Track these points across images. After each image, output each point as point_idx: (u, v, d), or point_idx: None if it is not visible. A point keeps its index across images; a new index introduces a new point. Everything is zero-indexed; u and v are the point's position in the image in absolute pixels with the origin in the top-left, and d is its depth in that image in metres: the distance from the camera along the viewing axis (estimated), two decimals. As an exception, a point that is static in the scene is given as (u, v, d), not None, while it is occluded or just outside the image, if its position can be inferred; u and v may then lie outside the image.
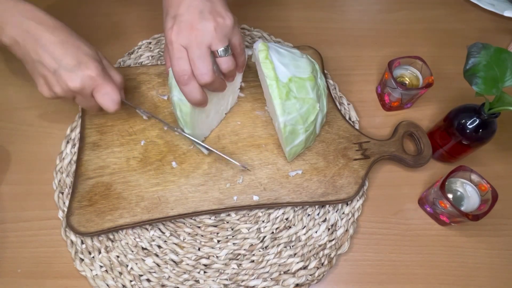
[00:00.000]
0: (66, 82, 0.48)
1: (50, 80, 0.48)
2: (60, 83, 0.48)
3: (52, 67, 0.48)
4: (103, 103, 0.50)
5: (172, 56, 0.46)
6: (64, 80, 0.48)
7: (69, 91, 0.49)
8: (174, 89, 0.52)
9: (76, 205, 0.53)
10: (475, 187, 0.53)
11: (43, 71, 0.48)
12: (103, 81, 0.50)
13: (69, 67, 0.48)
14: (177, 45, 0.46)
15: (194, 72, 0.46)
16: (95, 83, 0.49)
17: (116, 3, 0.77)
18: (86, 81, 0.48)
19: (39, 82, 0.50)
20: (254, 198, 0.55)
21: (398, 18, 0.78)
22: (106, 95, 0.50)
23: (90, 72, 0.48)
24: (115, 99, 0.51)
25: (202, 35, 0.45)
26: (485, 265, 0.55)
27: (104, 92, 0.50)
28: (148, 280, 0.52)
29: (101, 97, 0.50)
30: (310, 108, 0.51)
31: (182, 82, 0.47)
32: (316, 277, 0.52)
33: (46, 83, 0.49)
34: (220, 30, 0.46)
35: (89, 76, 0.48)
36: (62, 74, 0.47)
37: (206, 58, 0.46)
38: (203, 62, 0.46)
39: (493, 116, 0.51)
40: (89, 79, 0.49)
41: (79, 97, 0.51)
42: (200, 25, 0.45)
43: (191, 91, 0.48)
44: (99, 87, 0.50)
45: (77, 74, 0.48)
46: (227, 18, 0.47)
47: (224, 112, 0.61)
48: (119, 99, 0.51)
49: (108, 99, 0.50)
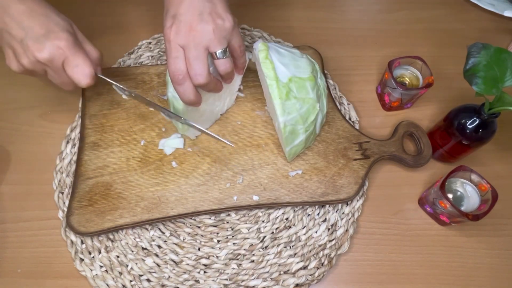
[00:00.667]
0: (34, 52, 0.45)
1: (17, 50, 0.46)
2: (28, 54, 0.46)
3: (19, 36, 0.45)
4: (73, 76, 0.48)
5: (169, 55, 0.46)
6: (31, 50, 0.45)
7: (37, 63, 0.47)
8: (169, 86, 0.52)
9: (76, 205, 0.53)
10: (475, 187, 0.53)
11: (10, 41, 0.46)
12: (73, 53, 0.47)
13: (36, 36, 0.45)
14: (174, 44, 0.46)
15: (189, 72, 0.46)
16: (64, 55, 0.47)
17: (116, 3, 0.77)
18: (54, 52, 0.46)
19: (7, 54, 0.48)
20: (254, 198, 0.55)
21: (398, 18, 0.78)
22: (77, 67, 0.47)
23: (59, 42, 0.46)
24: (87, 72, 0.48)
25: (200, 36, 0.45)
26: (485, 265, 0.55)
27: (74, 64, 0.47)
28: (148, 280, 0.52)
29: (71, 69, 0.47)
30: (310, 108, 0.51)
31: (176, 81, 0.47)
32: (316, 277, 0.52)
33: (14, 55, 0.47)
34: (219, 32, 0.46)
35: (57, 46, 0.46)
36: (30, 44, 0.45)
37: (202, 59, 0.46)
38: (199, 63, 0.46)
39: (493, 116, 0.51)
40: (58, 49, 0.46)
41: (49, 71, 0.48)
42: (199, 26, 0.45)
43: (185, 91, 0.47)
44: (69, 58, 0.47)
45: (45, 44, 0.45)
46: (226, 20, 0.47)
47: (219, 113, 0.61)
48: (92, 73, 0.48)
49: (78, 71, 0.47)
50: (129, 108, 0.61)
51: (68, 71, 0.47)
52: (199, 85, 0.47)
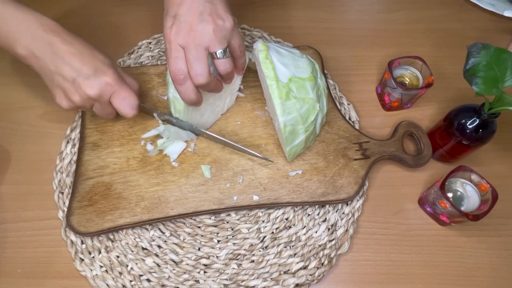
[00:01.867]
0: (85, 90, 0.48)
1: (68, 90, 0.49)
2: (79, 92, 0.49)
3: (71, 77, 0.48)
4: (120, 108, 0.51)
5: (169, 55, 0.47)
6: (83, 88, 0.48)
7: (88, 99, 0.50)
8: (170, 86, 0.53)
9: (76, 205, 0.53)
10: (475, 187, 0.53)
11: (61, 82, 0.49)
12: (120, 87, 0.50)
13: (87, 75, 0.48)
14: (175, 44, 0.46)
15: (190, 72, 0.47)
16: (112, 89, 0.50)
17: (116, 3, 0.77)
18: (103, 88, 0.49)
19: (57, 94, 0.50)
20: (254, 198, 0.55)
21: (398, 18, 0.78)
22: (124, 100, 0.51)
23: (107, 78, 0.49)
24: (133, 103, 0.51)
25: (200, 36, 0.45)
26: (485, 265, 0.55)
27: (122, 98, 0.51)
28: (148, 280, 0.52)
29: (119, 102, 0.51)
30: (310, 108, 0.51)
31: (177, 81, 0.47)
32: (316, 277, 0.52)
33: (64, 94, 0.50)
34: (219, 32, 0.46)
35: (106, 82, 0.49)
36: (81, 82, 0.48)
37: (203, 59, 0.46)
38: (200, 63, 0.46)
39: (493, 116, 0.51)
40: (107, 85, 0.49)
41: (97, 105, 0.52)
42: (199, 26, 0.45)
43: (186, 91, 0.48)
44: (116, 93, 0.50)
45: (95, 81, 0.49)
46: (227, 21, 0.47)
47: (220, 113, 0.61)
48: (137, 104, 0.52)
49: (125, 104, 0.51)
50: (129, 108, 0.61)
51: (115, 103, 0.51)
52: (199, 85, 0.48)
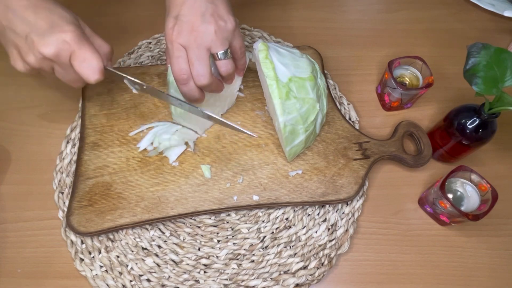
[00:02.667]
0: (39, 48, 0.43)
1: (22, 48, 0.44)
2: (33, 50, 0.43)
3: (24, 32, 0.43)
4: (81, 72, 0.45)
5: (172, 55, 0.47)
6: (37, 46, 0.43)
7: (44, 60, 0.44)
8: (170, 86, 0.53)
9: (76, 205, 0.53)
10: (475, 187, 0.53)
11: (14, 39, 0.44)
12: (80, 46, 0.44)
13: (41, 31, 0.43)
14: (176, 44, 0.46)
15: (192, 72, 0.47)
16: (71, 48, 0.44)
17: (116, 3, 0.77)
18: (60, 46, 0.43)
19: (12, 54, 0.45)
20: (254, 198, 0.55)
21: (398, 18, 0.78)
22: (84, 62, 0.44)
23: (64, 35, 0.43)
24: (95, 66, 0.45)
25: (202, 37, 0.45)
26: (485, 265, 0.55)
27: (82, 59, 0.44)
28: (148, 280, 0.52)
29: (79, 64, 0.44)
30: (310, 108, 0.51)
31: (181, 81, 0.47)
32: (316, 277, 0.52)
33: (18, 53, 0.45)
34: (221, 33, 0.46)
35: (63, 40, 0.43)
36: (34, 39, 0.43)
37: (204, 60, 0.46)
38: (201, 64, 0.46)
39: (493, 116, 0.51)
40: (64, 43, 0.43)
41: (57, 68, 0.46)
42: (201, 27, 0.45)
43: (189, 90, 0.48)
44: (76, 53, 0.44)
45: (50, 38, 0.43)
46: (228, 22, 0.47)
47: (220, 113, 0.61)
48: (101, 67, 0.46)
49: (86, 66, 0.45)
50: (129, 108, 0.61)
51: (75, 66, 0.45)
52: (201, 86, 0.48)
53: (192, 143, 0.58)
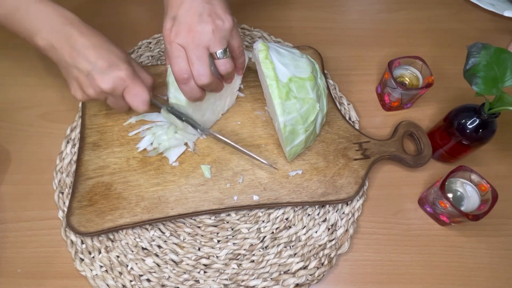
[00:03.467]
0: (99, 84, 0.49)
1: (83, 82, 0.50)
2: (93, 85, 0.49)
3: (86, 70, 0.49)
4: (132, 103, 0.52)
5: (171, 55, 0.47)
6: (97, 82, 0.49)
7: (101, 93, 0.50)
8: (170, 86, 0.53)
9: (76, 205, 0.53)
10: (475, 187, 0.53)
11: (77, 74, 0.49)
12: (133, 82, 0.51)
13: (102, 69, 0.49)
14: (175, 44, 0.46)
15: (192, 72, 0.47)
16: (125, 84, 0.50)
17: (117, 3, 0.77)
18: (117, 82, 0.49)
19: (72, 86, 0.51)
20: (254, 198, 0.55)
21: (398, 18, 0.78)
22: (136, 95, 0.51)
23: (121, 73, 0.50)
24: (144, 99, 0.52)
25: (200, 37, 0.46)
26: (485, 265, 0.55)
27: (134, 93, 0.51)
28: (148, 280, 0.52)
29: (131, 97, 0.51)
30: (310, 108, 0.51)
31: (182, 81, 0.48)
32: (316, 277, 0.52)
33: (79, 86, 0.51)
34: (219, 32, 0.46)
35: (120, 77, 0.49)
36: (95, 76, 0.49)
37: (204, 60, 0.46)
38: (201, 63, 0.46)
39: (493, 116, 0.51)
40: (120, 80, 0.50)
41: (110, 98, 0.52)
42: (199, 27, 0.46)
43: (191, 90, 0.49)
44: (129, 88, 0.51)
45: (109, 75, 0.49)
46: (226, 21, 0.47)
47: (220, 113, 0.61)
48: (148, 99, 0.52)
49: (137, 99, 0.51)
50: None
51: (127, 98, 0.51)
52: (202, 86, 0.48)
53: (191, 144, 0.58)
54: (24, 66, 0.68)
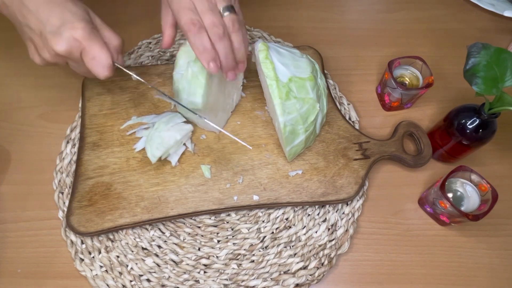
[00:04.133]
0: (52, 46, 0.44)
1: (38, 44, 0.45)
2: (47, 47, 0.45)
3: (38, 29, 0.44)
4: (91, 68, 0.46)
5: (179, 8, 0.44)
6: (50, 43, 0.44)
7: (57, 56, 0.45)
8: (182, 93, 0.52)
9: (76, 205, 0.53)
10: (475, 187, 0.53)
11: (30, 34, 0.45)
12: (90, 43, 0.45)
13: (53, 28, 0.43)
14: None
15: (205, 23, 0.44)
16: (81, 46, 0.45)
17: (116, 3, 0.77)
18: (72, 43, 0.44)
19: (29, 48, 0.47)
20: (254, 198, 0.55)
21: (398, 18, 0.78)
22: (94, 59, 0.45)
23: (75, 32, 0.44)
24: (104, 63, 0.45)
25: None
26: (485, 265, 0.55)
27: (91, 56, 0.45)
28: (148, 280, 0.52)
29: (89, 61, 0.45)
30: (310, 108, 0.51)
31: (193, 31, 0.44)
32: (316, 277, 0.52)
33: (35, 48, 0.46)
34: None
35: (73, 37, 0.44)
36: (48, 36, 0.44)
37: (216, 10, 0.44)
38: (214, 13, 0.44)
39: (493, 116, 0.51)
40: (75, 41, 0.44)
41: (70, 62, 0.47)
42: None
43: (202, 40, 0.44)
44: (86, 50, 0.45)
45: (62, 36, 0.43)
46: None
47: (230, 111, 0.62)
48: (110, 64, 0.46)
49: (96, 64, 0.45)
50: (129, 108, 0.61)
51: (86, 62, 0.46)
52: (215, 36, 0.45)
53: (190, 144, 0.58)
54: (24, 66, 0.68)
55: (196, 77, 0.50)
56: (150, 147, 0.53)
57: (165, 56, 0.70)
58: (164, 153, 0.54)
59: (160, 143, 0.53)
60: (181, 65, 0.52)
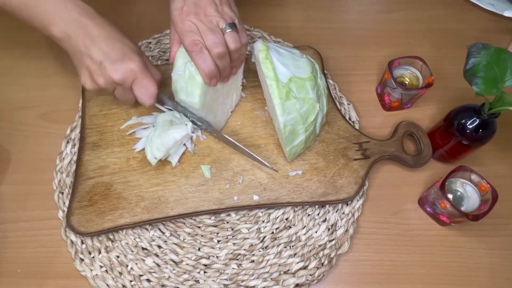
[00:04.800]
0: (110, 73, 0.50)
1: (94, 71, 0.50)
2: (104, 75, 0.50)
3: (99, 59, 0.49)
4: (139, 96, 0.52)
5: (183, 30, 0.48)
6: (108, 71, 0.49)
7: (111, 83, 0.51)
8: (180, 92, 0.53)
9: (76, 205, 0.53)
10: (475, 187, 0.53)
11: (89, 63, 0.50)
12: (142, 75, 0.51)
13: (114, 59, 0.50)
14: (187, 21, 0.48)
15: (206, 43, 0.48)
16: (135, 76, 0.51)
17: (116, 3, 0.77)
18: (128, 73, 0.50)
19: (83, 74, 0.52)
20: (254, 198, 0.55)
21: (398, 18, 0.78)
22: (143, 88, 0.52)
23: (132, 65, 0.50)
24: (152, 92, 0.52)
25: (211, 13, 0.48)
26: (485, 265, 0.55)
27: (142, 85, 0.52)
28: (148, 280, 0.52)
29: (140, 89, 0.52)
30: (310, 108, 0.51)
31: (195, 51, 0.49)
32: (316, 277, 0.52)
33: (90, 75, 0.51)
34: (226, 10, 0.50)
35: (131, 69, 0.50)
36: (107, 66, 0.49)
37: (217, 30, 0.48)
38: (215, 33, 0.48)
39: (493, 116, 0.51)
40: (131, 71, 0.50)
41: (119, 89, 0.53)
42: (209, 6, 0.48)
43: (204, 60, 0.49)
44: (138, 80, 0.51)
45: (121, 66, 0.50)
46: (233, 5, 0.52)
47: (229, 111, 0.62)
48: (156, 93, 0.53)
49: (145, 92, 0.52)
50: (129, 108, 0.61)
51: (135, 90, 0.52)
52: (217, 55, 0.49)
53: (190, 144, 0.58)
54: (24, 66, 0.68)
55: (193, 77, 0.50)
56: (150, 148, 0.54)
57: (165, 56, 0.70)
58: (164, 154, 0.54)
59: (160, 143, 0.54)
60: (179, 65, 0.52)
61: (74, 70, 0.52)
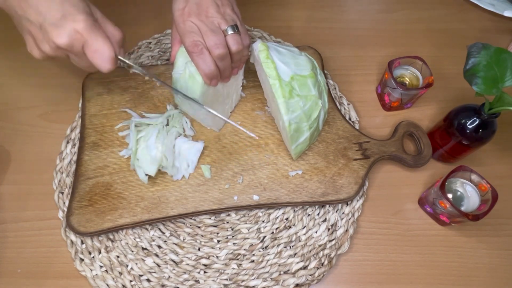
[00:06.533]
0: (52, 38, 0.43)
1: (37, 37, 0.44)
2: (47, 40, 0.44)
3: (38, 22, 0.43)
4: (94, 62, 0.45)
5: (184, 31, 0.48)
6: (51, 36, 0.43)
7: (58, 49, 0.44)
8: (176, 97, 0.53)
9: (76, 205, 0.53)
10: (475, 187, 0.53)
11: (29, 27, 0.44)
12: (92, 36, 0.44)
13: (54, 20, 0.43)
14: (189, 22, 0.48)
15: (207, 44, 0.48)
16: (83, 39, 0.44)
17: (116, 3, 0.77)
18: (73, 36, 0.43)
19: (28, 41, 0.46)
20: (254, 198, 0.55)
21: (398, 18, 0.78)
22: (96, 52, 0.44)
23: (77, 25, 0.43)
24: (107, 56, 0.45)
25: (212, 14, 0.48)
26: (485, 265, 0.55)
27: (94, 49, 0.44)
28: (148, 280, 0.52)
29: (91, 54, 0.44)
30: (313, 105, 0.51)
31: (196, 52, 0.48)
32: (316, 277, 0.52)
33: (34, 41, 0.45)
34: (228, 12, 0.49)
35: (75, 30, 0.43)
36: (48, 29, 0.43)
37: (218, 31, 0.48)
38: (216, 34, 0.48)
39: (493, 116, 0.51)
40: (75, 33, 0.43)
41: (71, 56, 0.47)
42: (211, 7, 0.48)
43: (205, 61, 0.48)
44: (88, 43, 0.44)
45: (63, 28, 0.43)
46: (235, 6, 0.51)
47: (229, 111, 0.62)
48: (112, 56, 0.45)
49: (98, 56, 0.44)
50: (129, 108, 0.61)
51: (88, 55, 0.45)
52: (217, 56, 0.48)
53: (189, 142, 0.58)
54: (24, 66, 0.68)
55: (193, 77, 0.51)
56: (142, 168, 0.53)
57: (165, 56, 0.70)
58: (159, 166, 0.54)
59: (151, 159, 0.53)
60: (179, 65, 0.52)
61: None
